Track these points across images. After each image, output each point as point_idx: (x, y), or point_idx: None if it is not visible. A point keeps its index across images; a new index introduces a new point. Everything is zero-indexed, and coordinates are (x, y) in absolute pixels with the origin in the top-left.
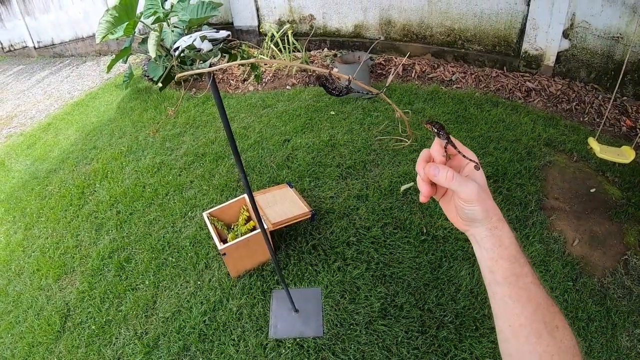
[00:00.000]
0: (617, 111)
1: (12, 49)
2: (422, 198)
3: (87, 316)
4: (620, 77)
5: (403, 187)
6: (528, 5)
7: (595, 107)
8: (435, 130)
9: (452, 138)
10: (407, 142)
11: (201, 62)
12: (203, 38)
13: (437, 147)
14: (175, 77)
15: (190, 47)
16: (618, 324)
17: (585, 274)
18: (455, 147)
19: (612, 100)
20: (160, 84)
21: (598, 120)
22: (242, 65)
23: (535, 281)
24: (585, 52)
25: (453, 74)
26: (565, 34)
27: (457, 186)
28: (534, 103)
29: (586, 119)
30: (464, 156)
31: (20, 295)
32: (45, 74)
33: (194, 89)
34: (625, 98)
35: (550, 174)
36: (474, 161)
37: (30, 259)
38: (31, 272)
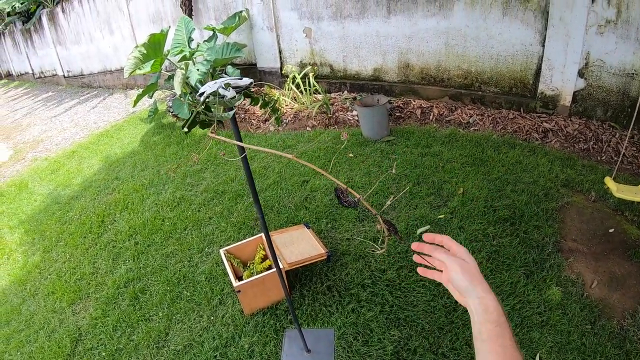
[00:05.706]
0: (634, 148)
1: (42, 75)
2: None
3: (98, 342)
4: (636, 113)
5: (419, 230)
6: (543, 46)
7: (612, 145)
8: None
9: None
10: (379, 250)
11: (226, 108)
12: (227, 85)
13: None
14: (207, 134)
15: (214, 94)
16: None
17: (604, 317)
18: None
19: (628, 138)
20: (185, 129)
21: (616, 158)
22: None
23: (512, 344)
24: (601, 90)
25: (470, 117)
26: (581, 73)
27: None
28: (551, 144)
29: (604, 157)
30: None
31: (33, 316)
32: (74, 103)
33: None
34: None
35: (567, 215)
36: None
37: (46, 281)
38: (46, 294)
